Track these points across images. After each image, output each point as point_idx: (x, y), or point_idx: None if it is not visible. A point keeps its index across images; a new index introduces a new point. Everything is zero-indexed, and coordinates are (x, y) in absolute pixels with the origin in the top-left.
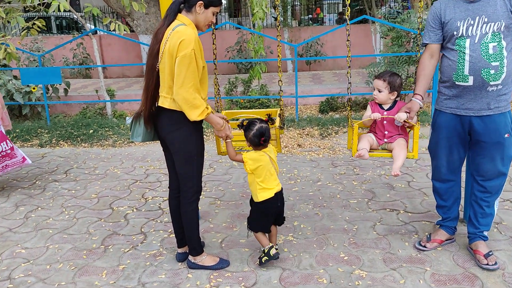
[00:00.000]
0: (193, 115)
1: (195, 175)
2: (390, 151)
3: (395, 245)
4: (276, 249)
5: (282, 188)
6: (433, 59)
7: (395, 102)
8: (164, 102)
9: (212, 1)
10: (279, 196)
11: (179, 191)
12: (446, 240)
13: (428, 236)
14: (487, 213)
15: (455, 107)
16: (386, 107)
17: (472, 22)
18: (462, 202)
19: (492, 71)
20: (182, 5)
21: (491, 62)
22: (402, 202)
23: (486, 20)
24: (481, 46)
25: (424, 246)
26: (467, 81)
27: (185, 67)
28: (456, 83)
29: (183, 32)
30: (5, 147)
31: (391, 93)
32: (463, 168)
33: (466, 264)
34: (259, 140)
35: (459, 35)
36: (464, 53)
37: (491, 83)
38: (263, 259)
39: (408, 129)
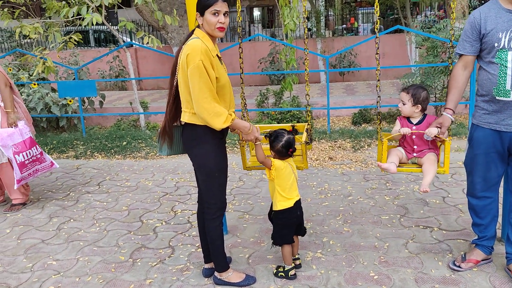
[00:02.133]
0: (218, 123)
1: (217, 192)
2: (420, 166)
3: (428, 265)
4: (298, 264)
5: (300, 197)
6: (466, 71)
7: (424, 116)
8: (184, 116)
9: (203, 5)
10: (298, 205)
11: None
12: (483, 260)
13: (463, 255)
14: None
15: (494, 123)
16: (414, 121)
17: None
18: (500, 219)
19: None
20: None
21: None
22: (436, 218)
23: None
24: None
25: (459, 266)
26: (509, 96)
27: (197, 79)
28: (497, 98)
29: (189, 45)
30: (35, 152)
31: (414, 106)
32: (501, 184)
33: (504, 287)
34: (287, 151)
35: (501, 47)
36: (506, 66)
37: None
38: (279, 274)
39: (439, 143)
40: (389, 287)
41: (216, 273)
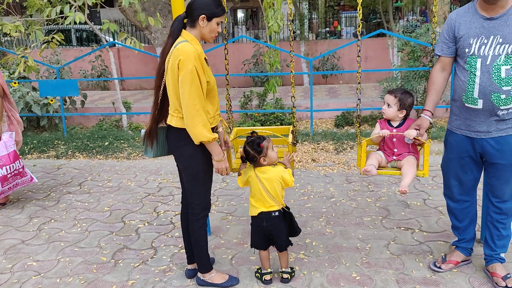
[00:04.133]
0: (199, 135)
1: (202, 192)
2: (399, 169)
3: (409, 266)
4: (285, 278)
5: (274, 211)
6: (444, 72)
7: (404, 119)
8: (171, 120)
9: (214, 12)
10: (264, 217)
11: None
12: (462, 261)
13: (443, 256)
14: (503, 235)
15: (465, 129)
16: (395, 124)
17: (485, 41)
18: (479, 221)
19: (502, 96)
20: (187, 19)
21: (502, 86)
22: (417, 220)
23: (500, 40)
24: (493, 69)
25: (439, 267)
26: (477, 104)
27: (189, 85)
28: (466, 104)
29: (181, 50)
30: (18, 166)
31: (400, 110)
32: (480, 186)
33: (483, 287)
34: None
35: (471, 53)
36: (475, 74)
37: (502, 107)
38: (256, 275)
39: (418, 147)
40: None
41: (199, 274)
